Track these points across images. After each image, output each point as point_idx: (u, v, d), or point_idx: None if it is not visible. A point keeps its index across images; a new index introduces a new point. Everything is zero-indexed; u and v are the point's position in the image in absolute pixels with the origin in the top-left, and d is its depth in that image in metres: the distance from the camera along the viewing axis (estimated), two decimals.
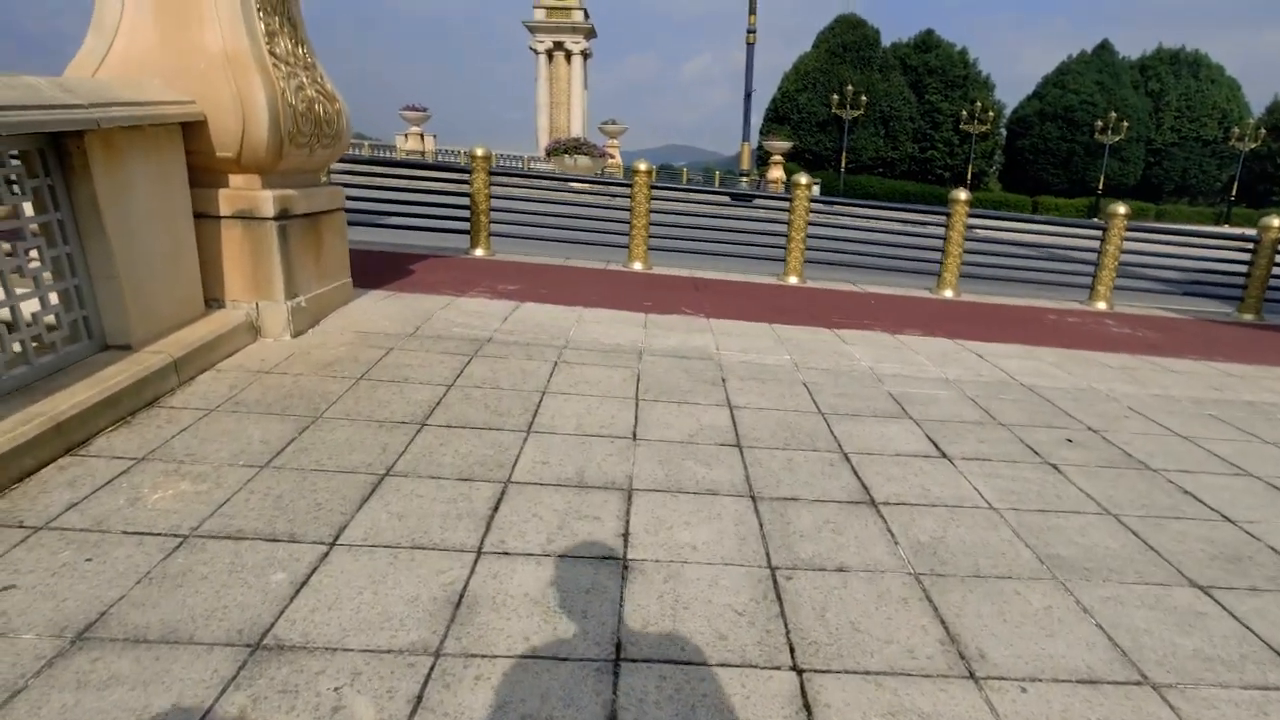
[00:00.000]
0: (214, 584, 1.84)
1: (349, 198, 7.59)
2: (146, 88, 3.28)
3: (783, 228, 7.38)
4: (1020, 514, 2.53)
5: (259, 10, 3.63)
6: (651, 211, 7.31)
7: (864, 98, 42.20)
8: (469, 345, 3.91)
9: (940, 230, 7.51)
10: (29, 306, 2.77)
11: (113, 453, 2.53)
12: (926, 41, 48.51)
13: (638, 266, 7.18)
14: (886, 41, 48.45)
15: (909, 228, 8.30)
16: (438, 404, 3.09)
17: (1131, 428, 3.56)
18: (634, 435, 2.92)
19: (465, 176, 7.49)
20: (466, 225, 7.39)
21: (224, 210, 3.63)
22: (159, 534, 2.05)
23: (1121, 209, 7.59)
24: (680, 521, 2.29)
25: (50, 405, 2.54)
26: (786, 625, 1.82)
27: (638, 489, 2.48)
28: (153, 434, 2.68)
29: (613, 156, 31.63)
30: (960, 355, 4.67)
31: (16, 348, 2.69)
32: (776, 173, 31.91)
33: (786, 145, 37.67)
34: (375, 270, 5.78)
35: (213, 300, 3.72)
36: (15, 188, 2.76)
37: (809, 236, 7.31)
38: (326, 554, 1.99)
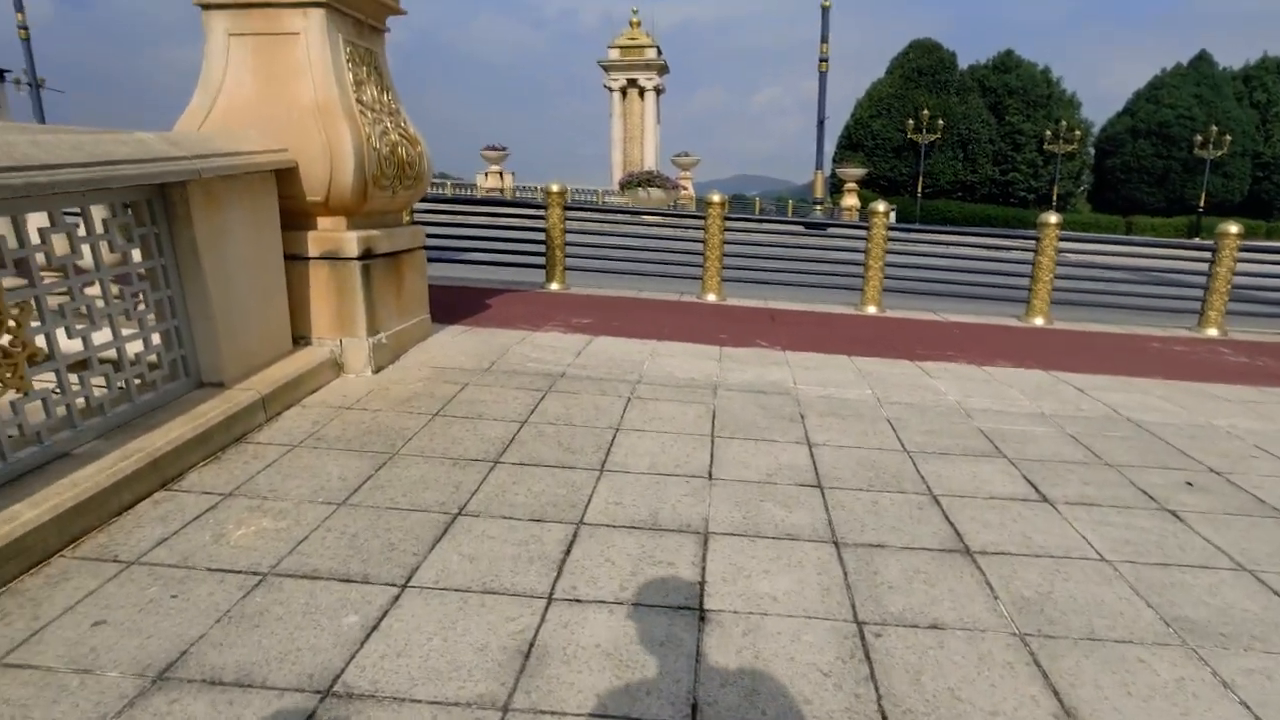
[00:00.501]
0: (288, 625, 1.85)
1: (430, 235, 7.88)
2: (244, 138, 3.45)
3: (859, 256, 7.19)
4: (1138, 568, 2.29)
5: (348, 61, 3.80)
6: (725, 243, 7.26)
7: (940, 121, 41.25)
8: (543, 380, 3.91)
9: (1026, 255, 7.15)
10: (133, 347, 2.93)
11: (202, 488, 2.61)
12: (1006, 62, 47.17)
13: (711, 298, 7.11)
14: (963, 64, 47.36)
15: (992, 253, 7.95)
16: (511, 441, 3.08)
17: (1262, 469, 3.22)
18: (709, 475, 2.82)
19: (540, 212, 7.63)
20: (542, 260, 7.51)
21: (312, 251, 3.77)
22: (240, 571, 2.09)
23: (1233, 228, 7.06)
24: (759, 569, 2.18)
25: (148, 442, 2.65)
26: (878, 690, 1.68)
27: (714, 532, 2.38)
28: (239, 470, 2.75)
29: (685, 188, 31.84)
30: (1056, 388, 4.38)
31: (121, 386, 2.84)
32: (851, 200, 31.44)
33: (860, 172, 37.12)
34: (454, 305, 5.91)
35: (300, 338, 3.86)
36: (127, 236, 2.93)
37: (887, 265, 7.09)
38: (398, 596, 1.98)
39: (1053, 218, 7.01)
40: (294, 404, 3.44)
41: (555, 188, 7.58)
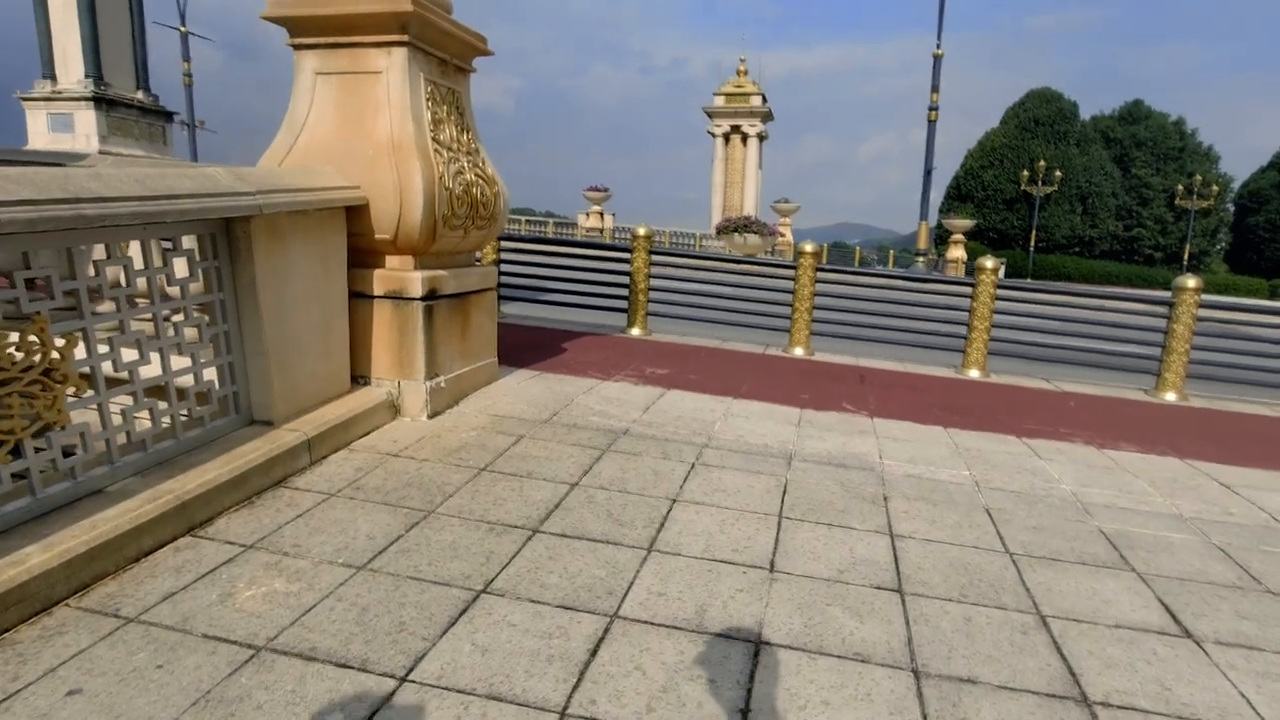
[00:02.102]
0: (267, 718, 1.63)
1: (515, 274, 7.89)
2: (317, 174, 3.42)
3: (963, 314, 6.63)
4: None
5: (428, 100, 3.75)
6: (816, 295, 6.88)
7: (1058, 173, 39.23)
8: (603, 437, 3.65)
9: (1157, 321, 6.40)
10: (184, 381, 2.87)
11: (226, 537, 2.47)
12: (1134, 112, 44.62)
13: (799, 352, 6.72)
14: (1085, 115, 45.10)
15: (1116, 316, 7.18)
16: (556, 507, 2.82)
17: None
18: (771, 565, 2.46)
19: (626, 255, 7.49)
20: (625, 304, 7.35)
21: (378, 290, 3.69)
22: (234, 642, 1.90)
23: None
24: (818, 699, 1.80)
25: (179, 483, 2.55)
26: None
27: (768, 642, 2.02)
28: (269, 518, 2.61)
29: (782, 235, 31.46)
30: (1197, 483, 3.75)
31: (166, 422, 2.77)
32: (957, 252, 30.16)
33: (969, 224, 35.62)
34: (529, 347, 5.78)
35: (361, 378, 3.77)
36: (188, 269, 2.91)
37: (994, 325, 6.50)
38: (392, 694, 1.73)
39: (1191, 281, 6.26)
40: (343, 447, 3.32)
41: (642, 231, 7.44)
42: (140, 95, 22.88)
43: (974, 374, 6.38)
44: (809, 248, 6.80)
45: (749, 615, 2.15)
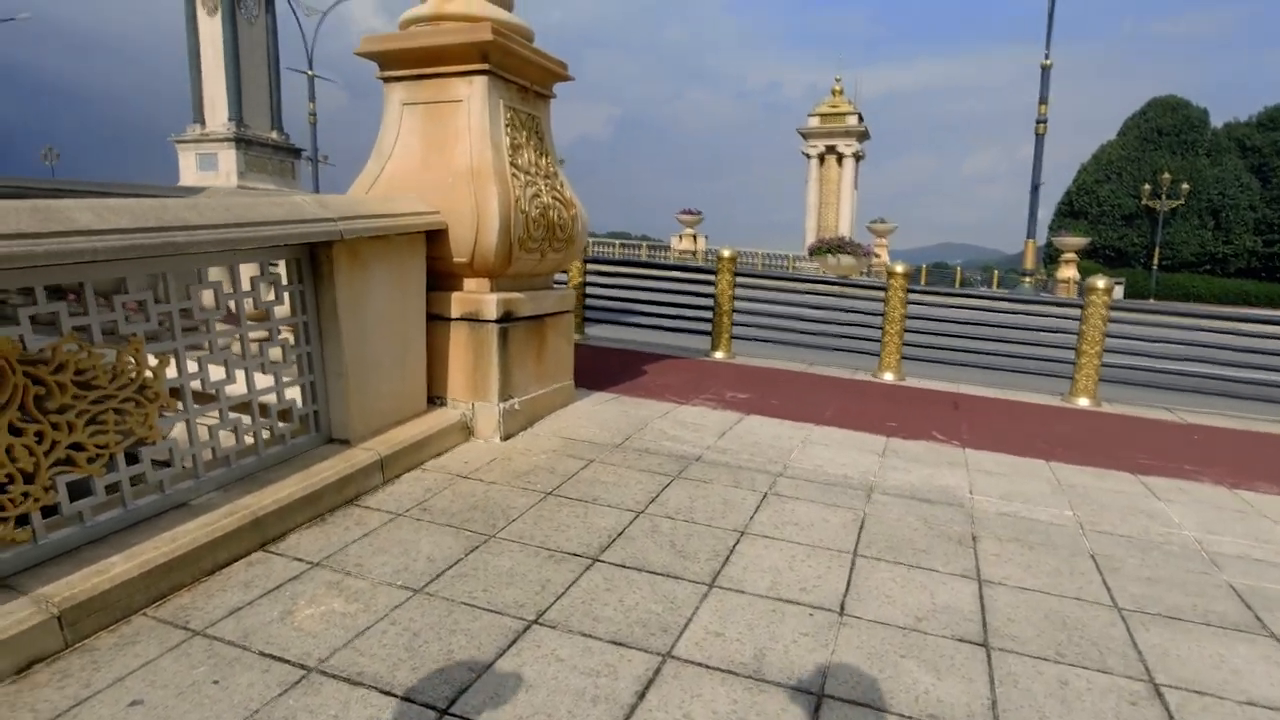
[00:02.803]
0: None
1: (599, 296, 7.95)
2: (397, 201, 3.53)
3: (1071, 338, 6.15)
4: None
5: (507, 126, 3.81)
6: (908, 317, 6.56)
7: (1185, 186, 36.36)
8: (674, 464, 3.56)
9: None
10: (268, 400, 2.99)
11: (296, 553, 2.53)
12: (1275, 118, 40.85)
13: (888, 377, 6.41)
14: (1217, 122, 41.71)
15: (1251, 341, 6.48)
16: (619, 535, 2.75)
17: None
18: (841, 608, 2.29)
19: (710, 277, 7.41)
20: (709, 326, 7.25)
21: (455, 312, 3.76)
22: (288, 661, 1.91)
23: None
24: None
25: (256, 499, 2.64)
26: None
27: (831, 695, 1.87)
28: (337, 537, 2.66)
29: (878, 256, 30.54)
30: None
31: (249, 439, 2.89)
32: (1068, 272, 28.37)
33: (1082, 241, 33.46)
34: (608, 369, 5.77)
35: (437, 398, 3.84)
36: (275, 292, 3.04)
37: (1106, 349, 5.99)
38: None
39: None
40: (415, 466, 3.37)
41: (727, 253, 7.34)
42: (274, 135, 24.96)
43: (1083, 402, 5.90)
44: (899, 268, 6.50)
45: (812, 663, 2.00)
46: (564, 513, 2.93)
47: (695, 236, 39.10)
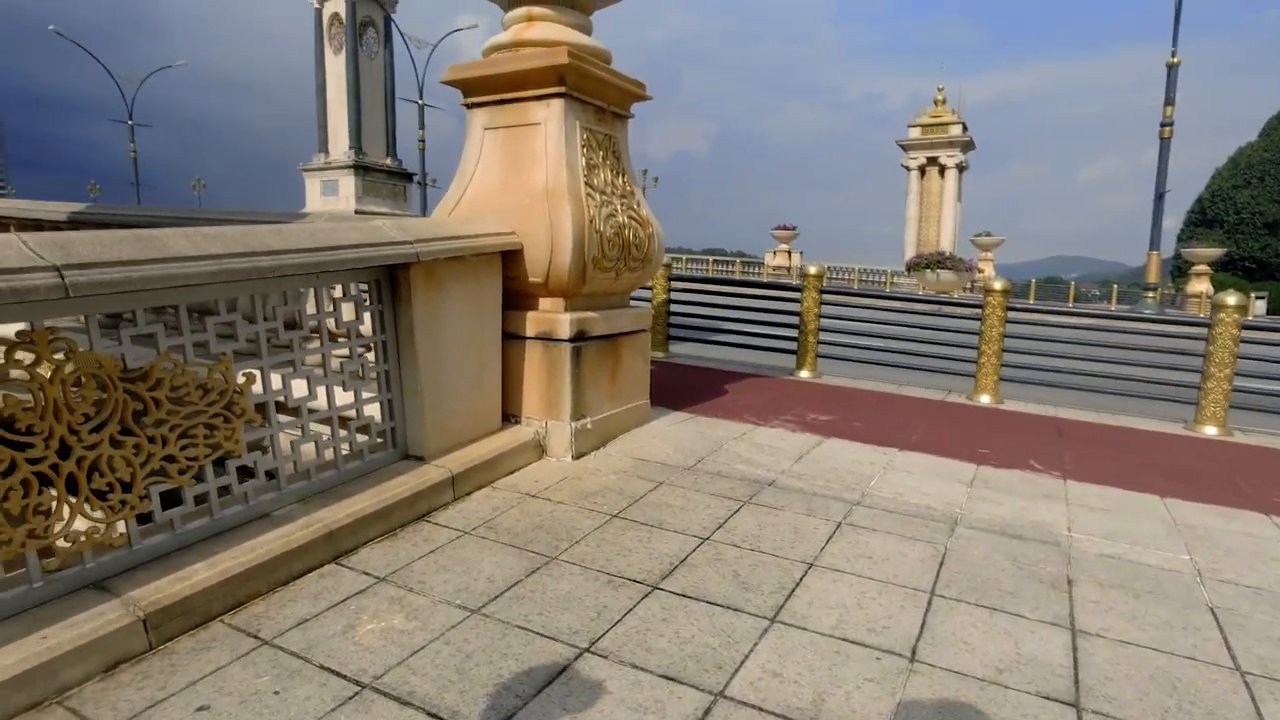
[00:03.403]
0: None
1: (683, 314, 7.91)
2: (474, 223, 3.62)
3: (1196, 360, 5.61)
4: None
5: (583, 146, 3.85)
6: (1008, 336, 6.18)
7: None
8: (745, 488, 3.46)
9: None
10: (348, 416, 3.11)
11: (365, 567, 2.60)
12: None
13: (985, 400, 6.05)
14: None
15: None
16: (681, 562, 2.68)
17: None
18: (911, 653, 2.14)
19: (795, 295, 7.24)
20: (794, 345, 7.08)
21: (529, 331, 3.81)
22: (344, 676, 1.96)
23: None
24: None
25: (331, 512, 2.74)
26: None
27: None
28: (405, 552, 2.72)
29: (982, 270, 29.13)
30: None
31: (329, 454, 3.01)
32: (1200, 285, 26.19)
33: (1216, 253, 30.80)
34: (689, 389, 5.71)
35: (512, 416, 3.89)
36: (358, 312, 3.17)
37: (1238, 373, 5.43)
38: None
39: None
40: (486, 484, 3.42)
41: (813, 269, 7.16)
42: (388, 161, 26.70)
43: (1210, 431, 5.36)
44: (998, 284, 6.14)
45: (875, 713, 1.87)
46: (628, 536, 2.89)
47: (790, 252, 38.57)
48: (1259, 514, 3.50)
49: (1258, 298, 24.58)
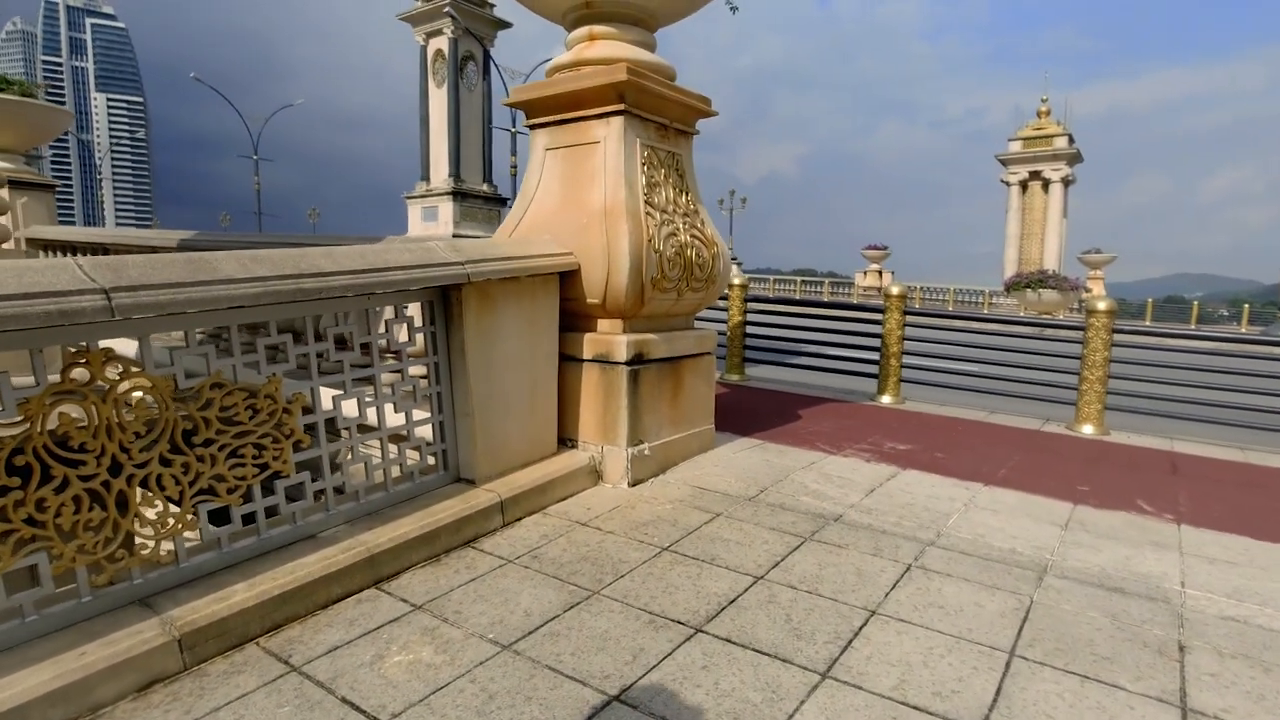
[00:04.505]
0: None
1: (761, 335, 7.69)
2: (531, 243, 3.58)
3: None
4: None
5: (644, 164, 3.76)
6: (1115, 361, 5.65)
7: None
8: (808, 523, 3.24)
9: None
10: (399, 438, 3.10)
11: (403, 593, 2.55)
12: None
13: (1087, 430, 5.54)
14: None
15: None
16: (730, 603, 2.50)
17: None
18: None
19: (878, 316, 6.90)
20: (876, 369, 6.74)
21: (587, 354, 3.73)
22: (363, 711, 1.88)
23: None
24: None
25: (374, 536, 2.71)
26: None
27: None
28: (445, 580, 2.66)
29: (1089, 289, 27.33)
30: None
31: (379, 476, 3.00)
32: None
33: None
34: (761, 413, 5.50)
35: (568, 440, 3.81)
36: (410, 333, 3.17)
37: None
38: None
39: None
40: (537, 510, 3.34)
41: (895, 290, 6.81)
42: (484, 187, 27.85)
43: None
44: (1102, 305, 5.63)
45: None
46: (676, 571, 2.73)
47: (881, 272, 37.47)
48: None
49: None
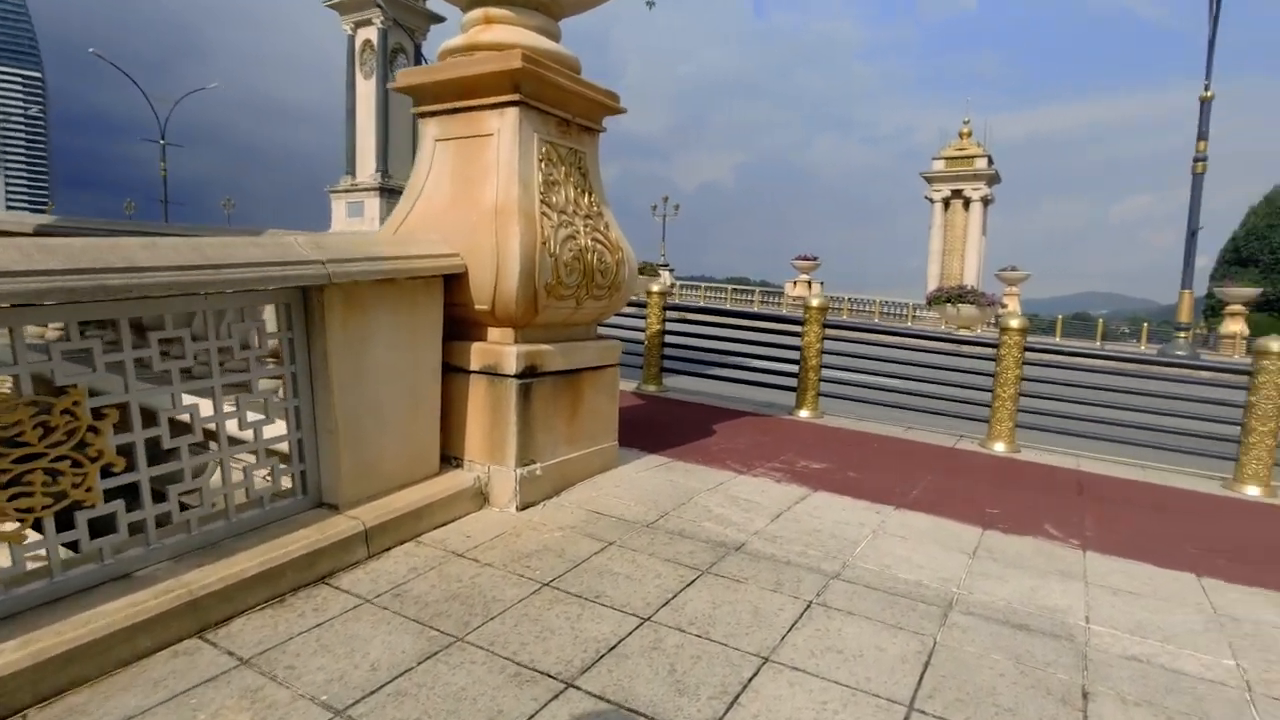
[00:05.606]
0: None
1: (681, 345, 7.48)
2: (413, 243, 3.24)
3: (1234, 411, 5.06)
4: None
5: (542, 161, 3.48)
6: (1025, 379, 5.67)
7: None
8: (708, 553, 3.00)
9: None
10: (247, 460, 2.71)
11: (231, 644, 2.18)
12: None
13: (999, 448, 5.53)
14: None
15: None
16: (609, 650, 2.22)
17: None
18: None
19: (798, 328, 6.78)
20: (795, 381, 6.61)
21: (474, 365, 3.41)
22: None
23: None
24: None
25: (201, 575, 2.32)
26: None
27: None
28: (285, 625, 2.29)
29: (1005, 305, 28.42)
30: None
31: (216, 504, 2.61)
32: (1234, 326, 25.32)
33: (1251, 292, 29.87)
34: (674, 427, 5.27)
35: (454, 459, 3.48)
36: (261, 339, 2.79)
37: None
38: None
39: None
40: (411, 538, 2.99)
41: (815, 303, 6.71)
42: None
43: (1251, 491, 4.79)
44: (1015, 322, 5.64)
45: None
46: (554, 612, 2.44)
47: (810, 283, 38.11)
48: None
49: None
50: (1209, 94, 17.50)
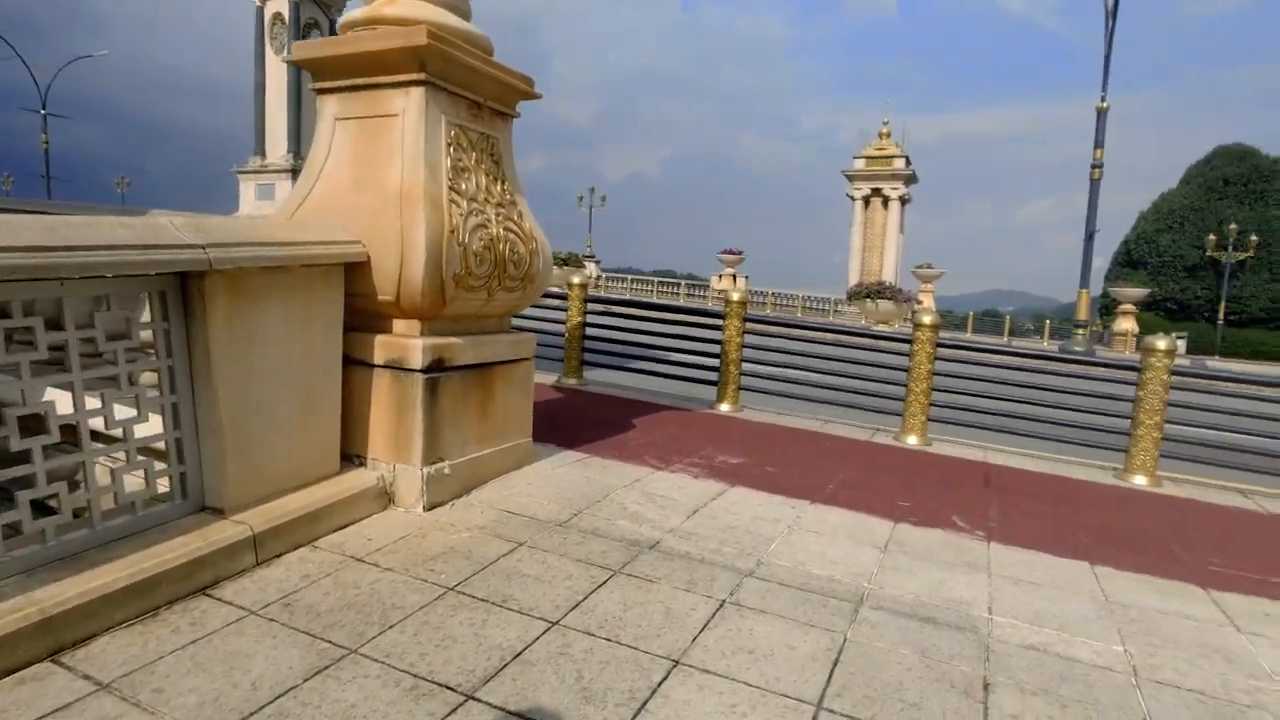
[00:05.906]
0: None
1: (602, 337, 7.39)
2: (309, 228, 3.04)
3: (1126, 405, 5.34)
4: None
5: (450, 145, 3.31)
6: (937, 374, 5.83)
7: (1254, 237, 34.60)
8: (622, 552, 2.93)
9: None
10: (116, 461, 2.47)
11: (89, 667, 1.97)
12: None
13: (911, 441, 5.67)
14: None
15: None
16: (515, 658, 2.12)
17: None
18: None
19: (718, 322, 6.79)
20: (716, 375, 6.62)
21: (378, 358, 3.23)
22: None
23: None
24: None
25: (56, 590, 2.09)
26: None
27: None
28: (157, 643, 2.09)
29: (921, 301, 29.52)
30: None
31: (74, 510, 2.36)
32: (1126, 324, 27.06)
33: (1140, 293, 32.04)
34: (593, 422, 5.18)
35: (356, 457, 3.29)
36: (130, 330, 2.54)
37: (1168, 421, 5.17)
38: None
39: None
40: (307, 543, 2.81)
41: (736, 297, 6.74)
42: None
43: (1139, 481, 5.06)
44: (927, 319, 5.80)
45: None
46: (458, 619, 2.32)
47: (735, 276, 38.61)
48: (1195, 587, 3.12)
49: (1178, 338, 25.44)
50: (1105, 105, 18.57)
